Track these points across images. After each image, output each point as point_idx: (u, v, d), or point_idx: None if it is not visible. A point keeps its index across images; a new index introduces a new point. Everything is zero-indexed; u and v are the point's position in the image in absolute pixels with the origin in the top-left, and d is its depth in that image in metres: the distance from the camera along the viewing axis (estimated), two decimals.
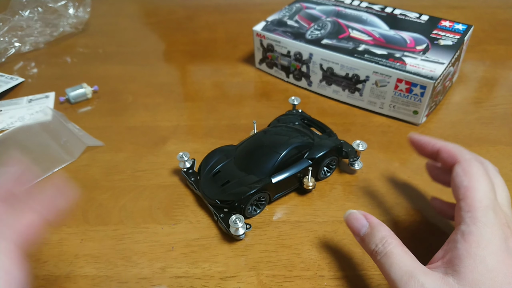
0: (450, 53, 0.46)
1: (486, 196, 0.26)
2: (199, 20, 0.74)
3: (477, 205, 0.26)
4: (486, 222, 0.25)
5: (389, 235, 0.27)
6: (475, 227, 0.25)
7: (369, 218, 0.29)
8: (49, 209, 0.24)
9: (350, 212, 0.30)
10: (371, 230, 0.28)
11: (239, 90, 0.55)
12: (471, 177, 0.28)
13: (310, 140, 0.39)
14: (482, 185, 0.27)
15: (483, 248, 0.24)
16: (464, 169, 0.28)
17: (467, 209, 0.26)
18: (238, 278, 0.32)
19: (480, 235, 0.25)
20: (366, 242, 0.28)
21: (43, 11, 0.66)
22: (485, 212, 0.26)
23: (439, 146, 0.32)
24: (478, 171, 0.28)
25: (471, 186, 0.27)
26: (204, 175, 0.38)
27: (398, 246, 0.27)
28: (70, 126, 0.47)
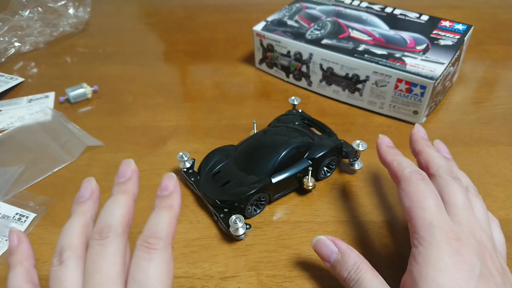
0: (450, 53, 0.46)
1: (429, 213, 0.26)
2: (199, 20, 0.74)
3: (420, 224, 0.26)
4: (431, 240, 0.25)
5: (360, 261, 0.28)
6: (422, 248, 0.25)
7: (338, 244, 0.29)
8: (179, 206, 0.26)
9: (318, 238, 0.30)
10: (341, 257, 0.28)
11: (239, 90, 0.55)
12: (411, 197, 0.27)
13: (310, 140, 0.39)
14: (423, 202, 0.26)
15: (432, 267, 0.24)
16: (403, 189, 0.28)
17: (413, 230, 0.26)
18: (238, 278, 0.32)
19: (427, 255, 0.25)
20: (338, 269, 0.28)
21: (43, 11, 0.66)
22: (429, 230, 0.25)
23: (387, 162, 0.31)
24: (417, 188, 0.27)
25: (412, 206, 0.27)
26: (204, 175, 0.38)
27: (369, 272, 0.27)
28: (70, 126, 0.47)
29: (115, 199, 0.25)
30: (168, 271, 0.23)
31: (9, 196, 0.39)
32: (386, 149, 0.32)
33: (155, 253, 0.23)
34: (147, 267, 0.23)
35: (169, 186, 0.26)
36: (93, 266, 0.23)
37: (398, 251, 0.34)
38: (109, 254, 0.23)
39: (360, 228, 0.36)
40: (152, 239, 0.24)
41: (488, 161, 0.42)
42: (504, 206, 0.37)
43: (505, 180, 0.40)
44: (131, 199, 0.26)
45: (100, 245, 0.23)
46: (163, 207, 0.25)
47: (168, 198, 0.26)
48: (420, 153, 0.32)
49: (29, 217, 0.37)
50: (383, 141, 0.33)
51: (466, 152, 0.43)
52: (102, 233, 0.24)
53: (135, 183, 0.27)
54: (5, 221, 0.36)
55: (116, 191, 0.26)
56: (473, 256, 0.24)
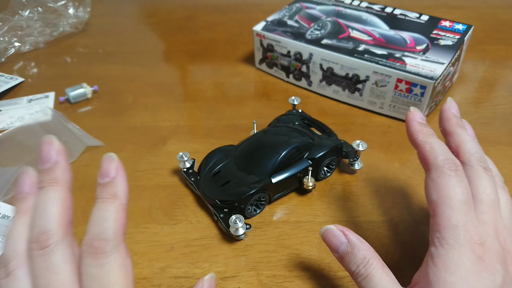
0: (450, 53, 0.46)
1: (456, 212, 0.24)
2: (199, 20, 0.74)
3: (445, 224, 0.24)
4: (454, 243, 0.23)
5: (370, 255, 0.26)
6: (443, 250, 0.23)
7: (347, 235, 0.27)
8: (124, 192, 0.23)
9: (327, 227, 0.28)
10: (351, 250, 0.26)
11: (239, 90, 0.55)
12: (440, 190, 0.25)
13: (310, 140, 0.39)
14: (453, 199, 0.24)
15: (451, 273, 0.23)
16: (433, 180, 0.25)
17: (435, 228, 0.24)
18: (238, 278, 0.32)
19: (448, 259, 0.23)
20: (346, 261, 0.26)
21: (43, 11, 0.66)
22: (453, 232, 0.23)
23: (418, 143, 0.27)
24: (449, 181, 0.25)
25: (439, 202, 0.25)
26: (204, 175, 0.38)
27: (379, 268, 0.25)
28: (70, 126, 0.47)
29: (44, 195, 0.22)
30: (125, 272, 0.21)
31: (9, 196, 0.39)
32: (418, 127, 0.28)
33: (104, 258, 0.20)
34: (99, 275, 0.20)
35: (110, 171, 0.22)
36: (40, 281, 0.20)
37: (398, 251, 0.34)
38: (54, 265, 0.20)
39: (360, 228, 0.36)
40: (98, 241, 0.21)
41: None
42: None
43: (505, 180, 0.40)
44: (64, 190, 0.22)
45: (42, 257, 0.20)
46: (105, 198, 0.22)
47: (110, 185, 0.22)
48: (451, 134, 0.29)
49: None
50: (414, 116, 0.28)
51: None
52: (41, 242, 0.21)
53: (64, 167, 0.23)
54: (5, 221, 0.36)
55: (42, 183, 0.22)
56: (496, 263, 0.23)
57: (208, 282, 0.27)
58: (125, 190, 0.23)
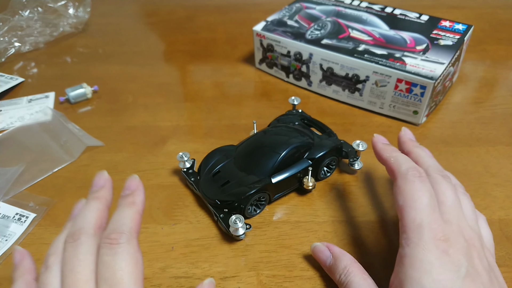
0: (450, 53, 0.46)
1: (420, 213, 0.26)
2: (199, 20, 0.74)
3: (410, 225, 0.26)
4: (418, 242, 0.25)
5: (350, 264, 0.29)
6: (409, 249, 0.25)
7: (331, 249, 0.31)
8: (141, 202, 0.27)
9: (314, 245, 0.32)
10: (334, 261, 0.30)
11: (239, 90, 0.55)
12: (405, 195, 0.27)
13: (310, 140, 0.39)
14: (416, 202, 0.26)
15: (416, 269, 0.24)
16: (399, 187, 0.28)
17: (402, 230, 0.26)
18: (238, 278, 0.32)
19: (412, 257, 0.25)
20: (332, 272, 0.30)
21: (43, 11, 0.66)
22: (418, 231, 0.25)
23: (384, 158, 0.31)
24: (413, 186, 0.27)
25: (405, 205, 0.27)
26: (204, 175, 0.38)
27: (358, 275, 0.28)
28: (70, 126, 0.47)
29: (87, 205, 0.26)
30: (136, 262, 0.23)
31: (9, 196, 0.39)
32: (382, 146, 0.33)
33: (118, 247, 0.23)
34: (112, 262, 0.23)
35: (132, 186, 0.27)
36: (66, 267, 0.23)
37: (397, 251, 0.34)
38: (80, 253, 0.23)
39: (360, 228, 0.36)
40: (114, 234, 0.24)
41: (488, 161, 0.42)
42: (504, 206, 0.37)
43: (505, 180, 0.40)
44: (103, 204, 0.27)
45: (73, 247, 0.24)
46: (124, 204, 0.26)
47: (130, 196, 0.26)
48: (409, 153, 0.32)
49: (29, 217, 0.37)
50: (378, 139, 0.34)
51: (466, 152, 0.43)
52: (74, 235, 0.24)
53: (108, 191, 0.28)
54: (5, 221, 0.36)
55: (89, 199, 0.27)
56: (460, 256, 0.24)
57: (207, 287, 0.28)
58: (142, 201, 0.27)
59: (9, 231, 0.36)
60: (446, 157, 0.43)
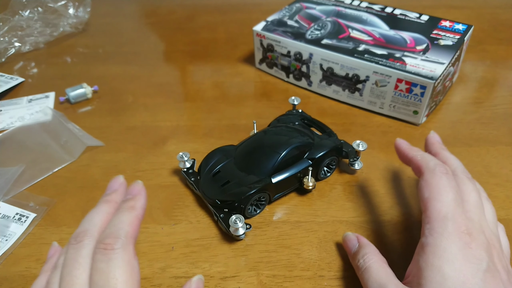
0: (450, 53, 0.46)
1: (445, 206, 0.26)
2: (199, 20, 0.74)
3: (435, 216, 0.26)
4: (442, 232, 0.25)
5: (372, 252, 0.30)
6: (432, 238, 0.26)
7: (360, 239, 0.32)
8: (142, 207, 0.26)
9: (346, 234, 0.33)
10: (359, 249, 0.31)
11: (239, 90, 0.55)
12: (432, 189, 0.28)
13: (310, 140, 0.39)
14: (443, 195, 0.27)
15: (438, 257, 0.25)
16: (426, 180, 0.28)
17: (426, 220, 0.27)
18: (238, 278, 0.32)
19: (435, 246, 0.25)
20: (353, 258, 0.31)
21: (43, 11, 0.66)
22: (442, 222, 0.26)
23: (410, 157, 0.32)
24: (440, 181, 0.28)
25: (431, 198, 0.27)
26: (204, 175, 0.38)
27: (377, 262, 0.29)
28: (70, 126, 0.47)
29: (96, 208, 0.26)
30: (131, 270, 0.23)
31: (9, 196, 0.39)
32: (407, 146, 0.33)
33: (113, 253, 0.22)
34: (106, 270, 0.22)
35: (134, 191, 0.27)
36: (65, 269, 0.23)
37: (398, 251, 0.34)
38: (80, 257, 0.23)
39: (360, 228, 0.36)
40: (109, 239, 0.23)
41: (488, 161, 0.42)
42: (504, 206, 0.37)
43: (505, 180, 0.40)
44: (113, 208, 0.26)
45: (74, 249, 0.24)
46: (124, 208, 0.26)
47: (131, 200, 0.26)
48: (436, 154, 0.32)
49: (29, 217, 0.37)
50: (402, 142, 0.34)
51: (466, 152, 0.43)
52: (78, 237, 0.24)
53: (120, 195, 0.28)
54: (5, 221, 0.36)
55: (99, 201, 0.27)
56: (482, 251, 0.25)
57: (195, 284, 0.28)
58: (142, 206, 0.26)
59: (9, 231, 0.36)
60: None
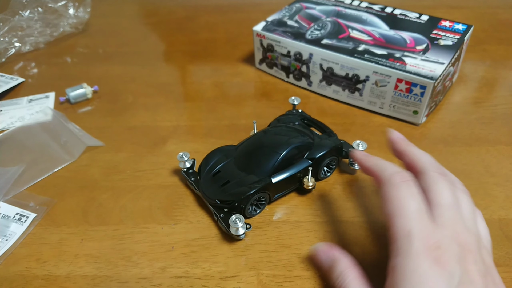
0: (450, 53, 0.46)
1: (408, 221, 0.25)
2: (199, 20, 0.74)
3: (399, 234, 0.25)
4: (408, 251, 0.24)
5: (348, 268, 0.28)
6: (399, 259, 0.24)
7: (332, 251, 0.30)
8: None
9: (316, 246, 0.31)
10: (332, 264, 0.29)
11: (239, 90, 0.55)
12: (391, 202, 0.26)
13: (310, 140, 0.39)
14: (404, 209, 0.25)
15: (408, 281, 0.23)
16: (384, 193, 0.27)
17: (391, 240, 0.25)
18: (238, 278, 0.32)
19: (403, 267, 0.24)
20: (329, 275, 0.29)
21: (43, 11, 0.66)
22: (407, 241, 0.24)
23: (366, 167, 0.30)
24: (399, 192, 0.26)
25: (392, 214, 0.26)
26: (204, 175, 0.38)
27: (354, 280, 0.27)
28: (70, 126, 0.47)
29: None
30: None
31: (9, 196, 0.39)
32: (364, 157, 0.31)
33: None
34: None
35: None
36: None
37: None
38: None
39: (360, 228, 0.36)
40: None
41: (488, 161, 0.42)
42: (504, 206, 0.37)
43: (505, 180, 0.40)
44: None
45: None
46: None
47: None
48: (403, 152, 0.31)
49: (29, 217, 0.37)
50: (356, 152, 0.33)
51: (466, 152, 0.43)
52: None
53: None
54: (5, 221, 0.36)
55: None
56: (453, 263, 0.24)
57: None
58: None
59: (10, 231, 0.36)
60: (446, 157, 0.43)
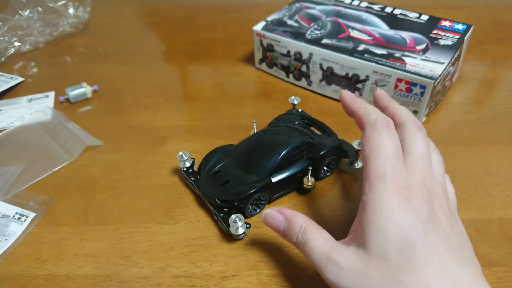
0: (450, 53, 0.46)
1: (384, 162, 0.26)
2: (199, 20, 0.74)
3: (373, 173, 0.26)
4: (380, 189, 0.25)
5: (305, 223, 0.29)
6: (371, 195, 0.26)
7: (283, 212, 0.30)
8: None
9: (265, 212, 0.31)
10: (288, 224, 0.29)
11: (239, 90, 0.55)
12: (372, 145, 0.27)
13: (310, 140, 0.39)
14: (381, 151, 0.27)
15: (378, 215, 0.25)
16: (366, 136, 0.28)
17: (366, 178, 0.27)
18: (238, 277, 0.32)
19: (375, 203, 0.25)
20: (288, 236, 0.29)
21: (43, 11, 0.66)
22: (381, 179, 0.26)
23: (353, 110, 0.31)
24: (380, 135, 0.27)
25: (370, 154, 0.27)
26: (204, 174, 0.38)
27: (314, 231, 0.28)
28: (70, 125, 0.47)
29: None
30: None
31: (9, 196, 0.39)
32: (351, 99, 0.32)
33: None
34: None
35: None
36: None
37: None
38: None
39: None
40: None
41: (488, 161, 0.42)
42: (504, 205, 0.37)
43: (505, 180, 0.40)
44: None
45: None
46: None
47: None
48: (386, 107, 0.32)
49: (29, 217, 0.37)
50: (346, 93, 0.33)
51: (466, 152, 0.43)
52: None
53: None
54: (5, 221, 0.36)
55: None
56: (421, 202, 0.25)
57: None
58: None
59: (9, 231, 0.36)
60: (446, 157, 0.43)
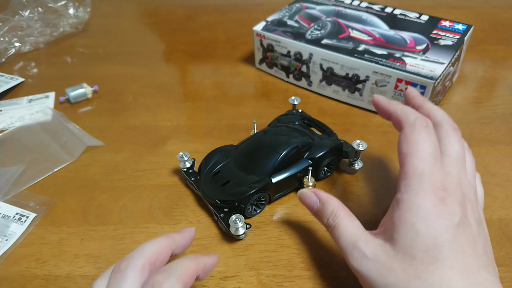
0: (450, 53, 0.46)
1: (422, 162, 0.26)
2: (199, 20, 0.74)
3: (411, 173, 0.26)
4: (418, 189, 0.25)
5: (337, 208, 0.30)
6: (407, 195, 0.26)
7: (318, 194, 0.31)
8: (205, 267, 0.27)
9: (301, 191, 0.32)
10: (322, 206, 0.30)
11: (239, 90, 0.55)
12: (410, 144, 0.27)
13: (310, 140, 0.39)
14: (420, 151, 0.27)
15: (412, 214, 0.25)
16: (405, 135, 0.28)
17: (403, 176, 0.27)
18: (238, 278, 0.32)
19: (410, 202, 0.25)
20: (320, 216, 0.31)
21: (43, 11, 0.66)
22: (418, 179, 0.26)
23: (390, 111, 0.31)
24: (419, 135, 0.27)
25: (408, 153, 0.27)
26: (204, 175, 0.38)
27: (345, 217, 0.29)
28: (70, 126, 0.47)
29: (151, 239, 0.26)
30: None
31: (9, 196, 0.39)
32: (386, 101, 0.32)
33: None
34: None
35: None
36: None
37: None
38: None
39: None
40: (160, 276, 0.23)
41: (488, 161, 0.42)
42: (504, 206, 0.37)
43: (505, 180, 0.40)
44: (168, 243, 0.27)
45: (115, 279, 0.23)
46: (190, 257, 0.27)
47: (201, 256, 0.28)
48: (419, 107, 0.32)
49: (29, 217, 0.37)
50: (380, 97, 0.33)
51: None
52: (121, 266, 0.24)
53: (182, 237, 0.28)
54: (5, 221, 0.36)
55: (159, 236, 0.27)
56: (456, 206, 0.25)
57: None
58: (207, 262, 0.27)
59: (9, 231, 0.36)
60: None
